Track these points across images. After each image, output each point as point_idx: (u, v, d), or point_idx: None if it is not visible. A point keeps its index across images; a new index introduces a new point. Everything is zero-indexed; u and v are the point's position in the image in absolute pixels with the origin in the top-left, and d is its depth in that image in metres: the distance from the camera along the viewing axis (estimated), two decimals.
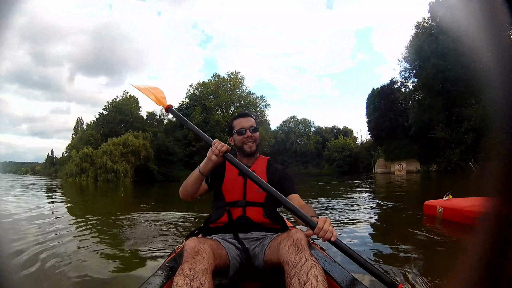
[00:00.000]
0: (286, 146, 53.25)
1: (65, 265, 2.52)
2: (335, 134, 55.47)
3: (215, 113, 44.61)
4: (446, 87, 25.83)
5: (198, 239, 1.39)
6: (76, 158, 33.39)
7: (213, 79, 47.66)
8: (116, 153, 33.53)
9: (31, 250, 3.05)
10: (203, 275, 1.14)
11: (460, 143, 24.72)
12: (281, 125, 57.72)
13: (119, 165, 33.09)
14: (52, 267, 2.47)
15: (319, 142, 54.99)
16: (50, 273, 2.31)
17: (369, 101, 37.73)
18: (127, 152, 34.26)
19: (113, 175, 32.25)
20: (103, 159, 32.61)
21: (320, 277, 1.11)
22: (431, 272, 2.29)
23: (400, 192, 11.10)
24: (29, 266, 2.50)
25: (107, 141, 35.09)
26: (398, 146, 33.07)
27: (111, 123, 39.49)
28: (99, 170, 32.31)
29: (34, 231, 4.17)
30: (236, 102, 46.72)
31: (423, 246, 3.16)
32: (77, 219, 5.44)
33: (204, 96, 46.17)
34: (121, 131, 37.40)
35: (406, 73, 31.23)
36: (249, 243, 1.61)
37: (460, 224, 3.86)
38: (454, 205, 4.12)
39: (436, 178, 19.63)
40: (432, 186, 13.35)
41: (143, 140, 35.75)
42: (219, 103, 45.46)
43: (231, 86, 46.50)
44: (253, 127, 1.79)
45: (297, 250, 1.24)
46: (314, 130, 59.04)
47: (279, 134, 55.01)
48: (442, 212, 4.25)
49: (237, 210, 1.66)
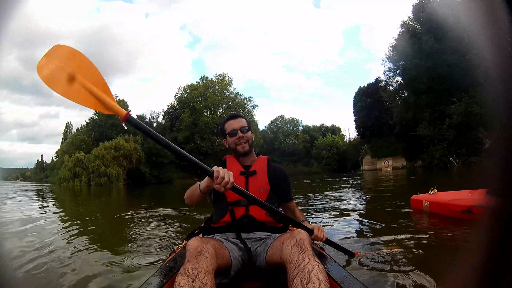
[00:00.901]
0: (274, 146, 53.46)
1: (64, 267, 2.51)
2: (323, 133, 56.12)
3: (204, 115, 44.36)
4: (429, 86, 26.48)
5: (200, 239, 1.39)
6: (69, 163, 33.13)
7: (201, 81, 47.36)
8: (108, 157, 33.35)
9: (31, 253, 3.02)
10: (206, 275, 1.14)
11: (442, 140, 25.44)
12: (269, 125, 58.07)
13: (111, 168, 32.95)
14: (50, 268, 2.45)
15: (307, 141, 55.40)
16: (49, 275, 2.30)
17: (355, 100, 38.29)
18: (119, 156, 34.12)
19: (106, 179, 32.16)
20: (96, 163, 32.49)
21: (323, 277, 1.11)
22: (420, 263, 2.34)
23: (387, 187, 11.26)
24: (29, 268, 2.49)
25: (98, 146, 34.86)
26: (384, 143, 33.75)
27: (102, 127, 39.12)
28: (92, 175, 32.21)
29: (35, 235, 4.17)
30: (224, 103, 46.50)
31: (411, 238, 3.17)
32: (75, 221, 5.38)
33: (193, 98, 45.85)
34: (112, 135, 37.13)
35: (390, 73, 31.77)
36: (252, 243, 1.60)
37: (446, 216, 3.98)
38: (439, 199, 4.24)
39: (421, 174, 20.02)
40: (417, 181, 13.52)
41: (134, 143, 35.55)
42: (208, 105, 45.18)
43: (219, 88, 46.21)
44: (243, 127, 1.79)
45: (300, 250, 1.25)
46: (302, 129, 59.40)
47: (267, 134, 55.20)
48: (428, 206, 4.36)
49: (239, 209, 1.66)
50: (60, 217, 6.37)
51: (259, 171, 1.76)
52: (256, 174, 1.75)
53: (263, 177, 1.74)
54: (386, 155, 33.68)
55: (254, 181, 1.73)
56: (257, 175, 1.74)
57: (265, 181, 1.73)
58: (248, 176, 1.74)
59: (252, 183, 1.72)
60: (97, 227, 4.60)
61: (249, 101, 47.39)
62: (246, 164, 1.79)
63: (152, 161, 37.28)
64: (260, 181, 1.73)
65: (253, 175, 1.74)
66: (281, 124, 58.87)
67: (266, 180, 1.74)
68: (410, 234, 3.30)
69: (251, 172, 1.75)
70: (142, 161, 36.13)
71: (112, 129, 38.62)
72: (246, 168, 1.76)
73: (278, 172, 1.83)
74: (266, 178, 1.74)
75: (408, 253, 2.53)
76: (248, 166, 1.78)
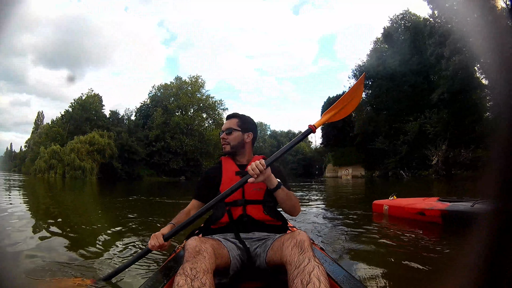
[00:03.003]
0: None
1: (60, 265, 2.38)
2: (290, 138, 56.26)
3: (175, 115, 43.99)
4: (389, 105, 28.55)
5: (199, 239, 1.37)
6: (45, 155, 32.24)
7: (175, 82, 46.96)
8: (83, 151, 32.77)
9: (27, 249, 2.90)
10: (204, 275, 1.12)
11: (395, 154, 27.48)
12: None
13: (85, 162, 32.38)
14: (47, 266, 2.35)
15: (274, 145, 55.98)
16: (47, 274, 2.17)
17: (323, 109, 39.06)
18: (93, 150, 33.54)
19: (80, 172, 31.58)
20: (71, 156, 31.82)
21: (323, 278, 1.09)
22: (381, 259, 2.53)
23: (348, 194, 11.80)
24: (27, 268, 2.36)
25: (73, 139, 34.04)
26: (345, 153, 35.07)
27: (77, 121, 37.98)
28: (67, 167, 31.56)
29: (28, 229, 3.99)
30: (195, 104, 46.28)
31: (374, 238, 3.50)
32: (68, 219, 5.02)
33: (165, 97, 45.38)
34: (86, 129, 36.26)
35: None
36: (251, 243, 1.57)
37: (402, 218, 4.50)
38: (396, 204, 4.74)
39: (378, 183, 20.78)
40: (375, 189, 14.14)
41: (108, 139, 35.00)
42: (179, 105, 44.88)
43: (192, 89, 46.00)
44: (229, 129, 1.77)
45: (300, 251, 1.22)
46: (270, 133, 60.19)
47: None
48: (388, 210, 4.82)
49: (237, 209, 1.63)
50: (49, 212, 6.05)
51: None
52: None
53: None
54: (346, 164, 34.98)
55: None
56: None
57: None
58: (243, 176, 1.65)
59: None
60: (92, 227, 4.32)
61: (219, 103, 47.48)
62: (242, 163, 1.76)
63: (124, 157, 36.70)
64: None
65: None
66: None
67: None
68: (374, 234, 3.67)
69: (246, 172, 1.63)
70: (115, 157, 35.54)
71: (86, 123, 37.74)
72: (241, 168, 1.73)
73: (273, 170, 1.70)
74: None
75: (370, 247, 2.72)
76: (244, 165, 1.73)
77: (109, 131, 36.61)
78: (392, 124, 27.81)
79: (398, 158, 27.11)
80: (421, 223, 4.11)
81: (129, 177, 36.03)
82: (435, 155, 23.35)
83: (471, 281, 0.61)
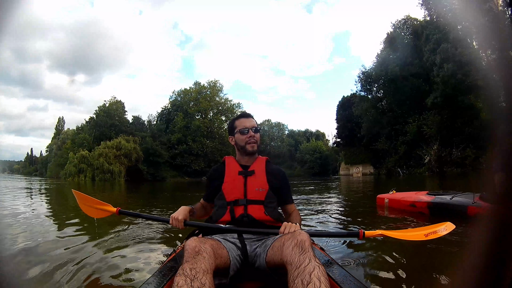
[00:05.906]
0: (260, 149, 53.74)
1: (62, 265, 2.37)
2: (308, 137, 56.20)
3: (196, 118, 44.83)
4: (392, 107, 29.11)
5: (199, 239, 1.32)
6: (74, 160, 33.71)
7: (194, 87, 47.90)
8: (110, 155, 34.18)
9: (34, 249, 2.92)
10: (204, 275, 1.09)
11: (395, 153, 28.42)
12: None
13: (114, 166, 33.84)
14: (49, 267, 2.34)
15: (291, 145, 55.67)
16: (48, 273, 2.20)
17: (337, 108, 39.11)
18: (120, 155, 34.99)
19: (109, 175, 33.03)
20: (100, 160, 33.29)
21: (323, 278, 1.06)
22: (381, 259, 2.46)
23: (357, 189, 12.48)
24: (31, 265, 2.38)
25: (99, 144, 35.48)
26: (355, 152, 35.44)
27: (102, 127, 39.33)
28: (96, 171, 32.97)
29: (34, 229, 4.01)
30: (214, 108, 47.06)
31: (378, 224, 3.94)
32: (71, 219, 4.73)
33: (185, 102, 46.32)
34: (111, 135, 37.61)
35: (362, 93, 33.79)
36: (251, 243, 1.53)
37: (400, 209, 4.90)
38: (395, 197, 5.11)
39: (383, 180, 21.30)
40: (379, 185, 14.93)
41: (134, 143, 36.44)
42: (199, 109, 45.69)
43: (211, 93, 46.81)
44: (255, 128, 1.72)
45: (301, 251, 1.19)
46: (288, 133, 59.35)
47: None
48: (388, 202, 5.19)
49: (238, 208, 1.60)
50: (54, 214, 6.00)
51: (258, 171, 1.70)
52: (255, 173, 1.68)
53: (262, 176, 1.68)
54: (357, 162, 35.27)
55: (253, 181, 1.66)
56: (255, 174, 1.68)
57: (263, 181, 1.67)
58: (246, 176, 1.68)
59: (251, 182, 1.66)
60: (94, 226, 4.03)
61: (238, 106, 48.08)
62: (245, 164, 1.73)
63: (149, 160, 38.03)
64: (259, 180, 1.67)
65: (251, 175, 1.68)
66: (268, 128, 58.73)
67: (265, 180, 1.67)
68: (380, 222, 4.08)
69: (250, 172, 1.68)
70: (141, 160, 36.96)
71: (111, 129, 39.05)
72: (244, 168, 1.71)
73: (277, 172, 1.76)
74: (264, 178, 1.68)
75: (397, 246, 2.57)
76: (247, 166, 1.72)
77: (134, 136, 37.90)
78: (393, 126, 28.56)
79: (398, 158, 27.97)
80: (413, 214, 4.49)
81: (154, 178, 37.23)
82: (427, 154, 24.13)
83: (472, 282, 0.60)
